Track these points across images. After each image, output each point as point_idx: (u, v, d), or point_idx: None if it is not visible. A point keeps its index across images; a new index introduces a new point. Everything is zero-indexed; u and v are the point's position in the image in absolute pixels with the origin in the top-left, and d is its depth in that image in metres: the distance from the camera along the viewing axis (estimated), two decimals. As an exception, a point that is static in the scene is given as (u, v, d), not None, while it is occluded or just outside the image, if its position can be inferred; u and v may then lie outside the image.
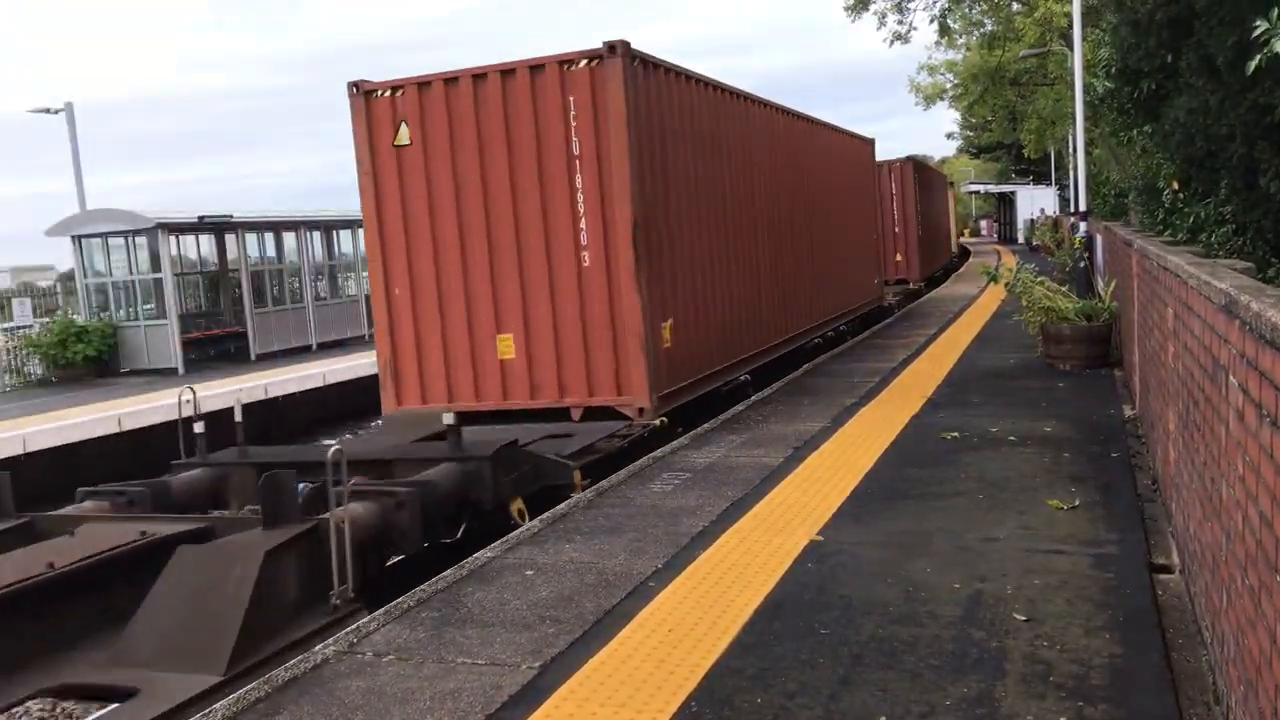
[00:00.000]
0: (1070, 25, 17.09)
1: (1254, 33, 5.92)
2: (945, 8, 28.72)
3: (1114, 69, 11.96)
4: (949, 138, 76.18)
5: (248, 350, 20.99)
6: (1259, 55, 5.98)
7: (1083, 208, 16.42)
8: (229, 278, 22.78)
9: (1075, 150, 18.40)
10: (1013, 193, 60.03)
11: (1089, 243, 15.40)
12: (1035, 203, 53.94)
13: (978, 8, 29.53)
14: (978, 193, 71.98)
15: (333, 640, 4.80)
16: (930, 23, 29.51)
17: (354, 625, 5.03)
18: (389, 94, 9.24)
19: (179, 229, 20.73)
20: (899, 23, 29.33)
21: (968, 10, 29.69)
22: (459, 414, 8.31)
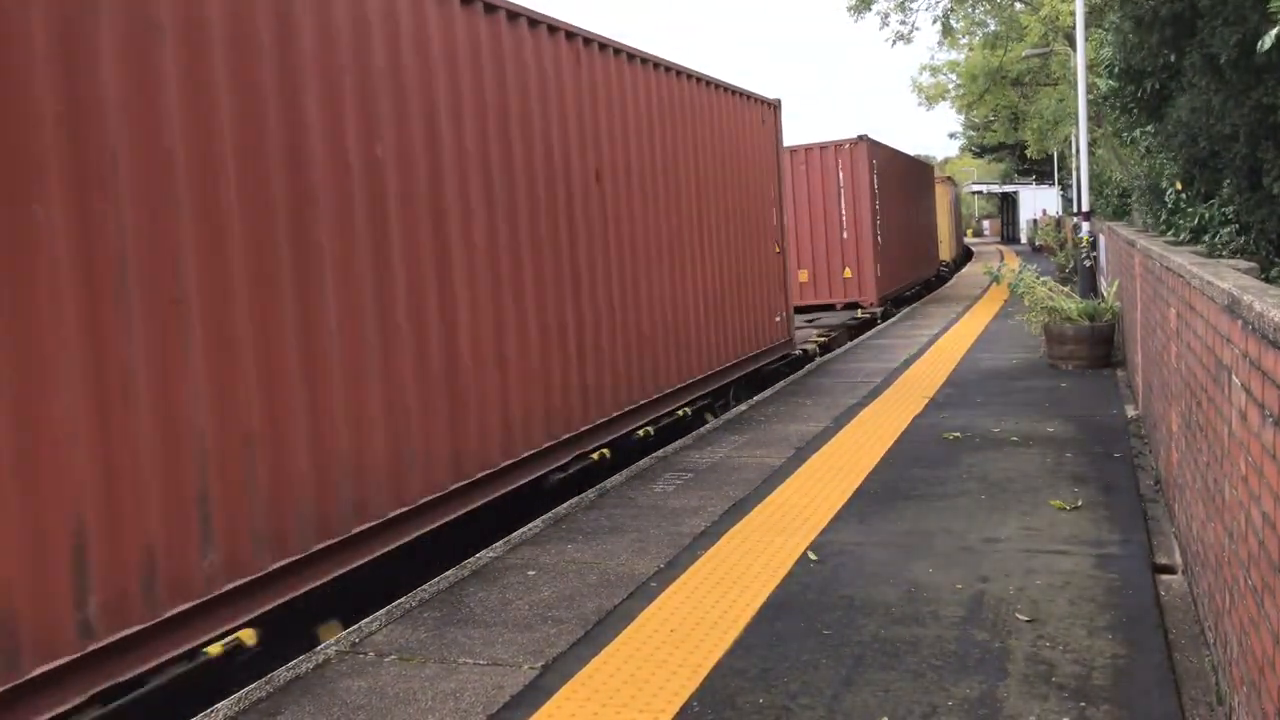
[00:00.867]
0: (1074, 24, 17.08)
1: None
2: (949, 7, 28.70)
3: (1117, 68, 11.93)
4: (952, 137, 76.22)
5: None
6: (1274, 30, 5.97)
7: (1085, 208, 16.39)
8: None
9: (1078, 150, 18.37)
10: (1015, 193, 60.05)
11: (1092, 243, 15.39)
12: (1038, 203, 53.94)
13: (981, 7, 29.48)
14: (980, 193, 71.96)
15: (334, 640, 4.80)
16: (933, 22, 29.51)
17: (356, 625, 5.04)
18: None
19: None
20: (901, 23, 29.34)
21: (970, 10, 29.65)
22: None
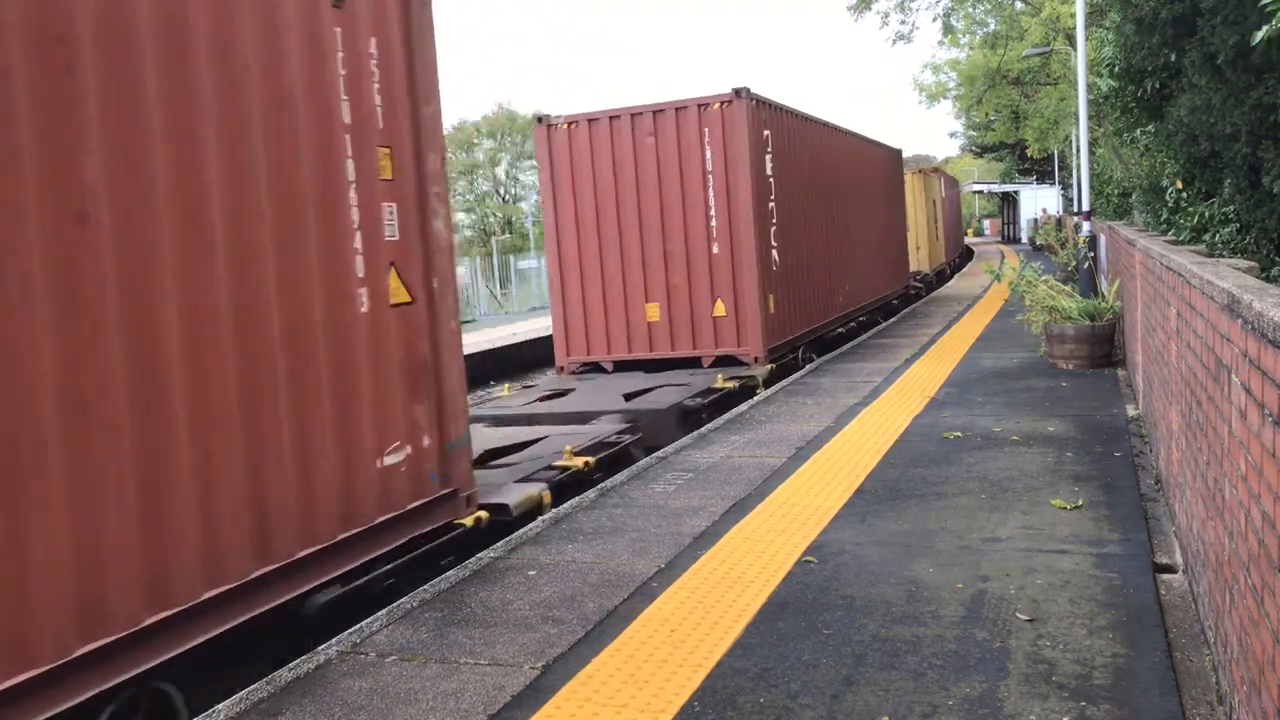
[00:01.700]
0: (1074, 24, 17.06)
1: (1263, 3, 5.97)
2: (949, 6, 28.71)
3: (1117, 68, 11.95)
4: (952, 136, 76.20)
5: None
6: (1265, 28, 5.98)
7: (1086, 207, 16.39)
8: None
9: (1078, 150, 18.37)
10: (1016, 192, 59.98)
11: (1092, 242, 15.38)
12: (1039, 202, 53.88)
13: (981, 6, 29.50)
14: (981, 192, 71.93)
15: (335, 640, 4.81)
16: (933, 20, 29.53)
17: (357, 625, 5.04)
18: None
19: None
20: (901, 22, 29.36)
21: (971, 9, 29.66)
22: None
